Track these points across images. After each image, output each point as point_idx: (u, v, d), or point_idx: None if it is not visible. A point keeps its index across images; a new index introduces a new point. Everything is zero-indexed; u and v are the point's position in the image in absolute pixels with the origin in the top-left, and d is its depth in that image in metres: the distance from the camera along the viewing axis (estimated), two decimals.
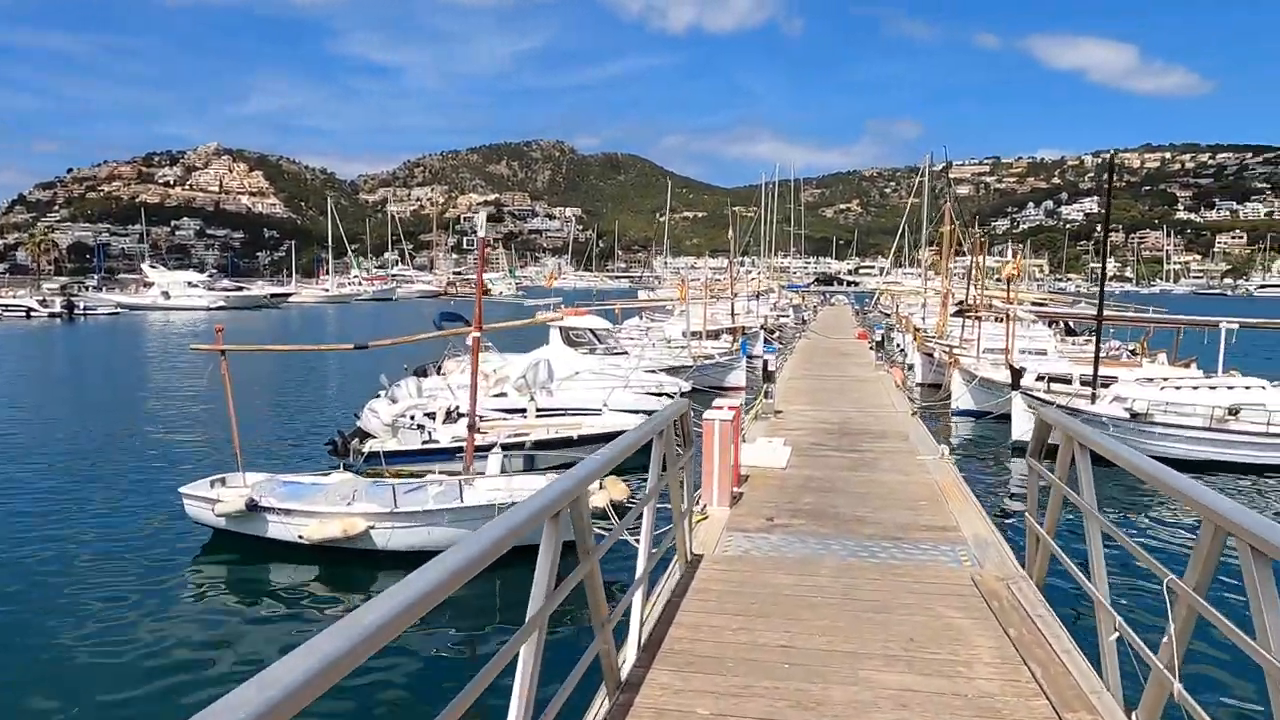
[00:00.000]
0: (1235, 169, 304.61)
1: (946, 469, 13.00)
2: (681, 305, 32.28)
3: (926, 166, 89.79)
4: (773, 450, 13.95)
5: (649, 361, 25.99)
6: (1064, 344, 34.27)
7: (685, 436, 7.39)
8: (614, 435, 16.33)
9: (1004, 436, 20.15)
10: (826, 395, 21.66)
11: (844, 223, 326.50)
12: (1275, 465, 17.02)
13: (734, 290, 44.94)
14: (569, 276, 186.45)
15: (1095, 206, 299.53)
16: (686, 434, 7.37)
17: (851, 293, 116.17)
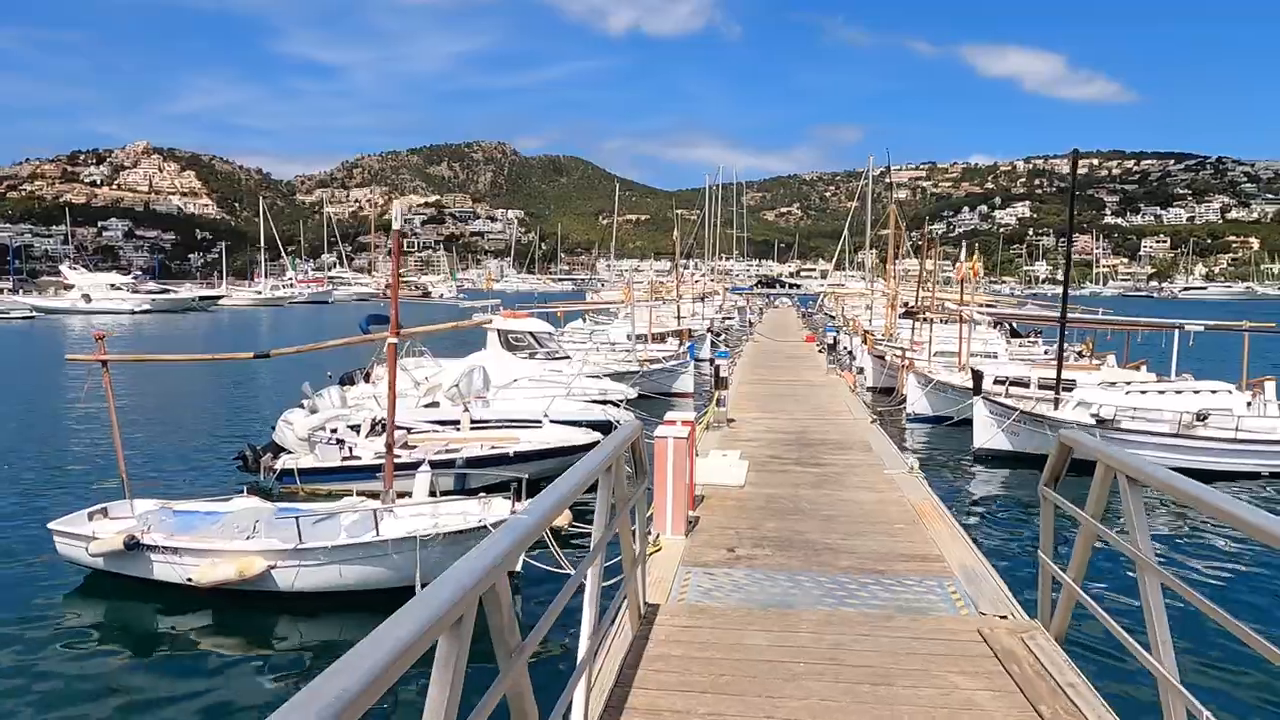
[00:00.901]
0: (1159, 176, 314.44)
1: (918, 485, 11.96)
2: (626, 308, 31.01)
3: (869, 169, 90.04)
4: (729, 466, 12.76)
5: (593, 367, 24.69)
6: (1011, 346, 33.87)
7: (638, 465, 6.13)
8: (555, 451, 15.06)
9: (964, 443, 19.32)
10: (780, 401, 20.60)
11: (785, 226, 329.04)
12: (1244, 472, 16.43)
13: (680, 292, 43.87)
14: (512, 279, 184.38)
15: (1027, 211, 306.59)
16: (639, 462, 6.11)
17: (795, 295, 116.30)
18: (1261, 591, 11.24)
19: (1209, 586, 11.05)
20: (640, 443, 6.07)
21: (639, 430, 5.87)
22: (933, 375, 22.92)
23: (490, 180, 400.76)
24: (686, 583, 7.82)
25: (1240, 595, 10.89)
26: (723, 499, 11.07)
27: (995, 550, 11.28)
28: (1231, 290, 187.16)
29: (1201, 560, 12.31)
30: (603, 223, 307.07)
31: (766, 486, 11.80)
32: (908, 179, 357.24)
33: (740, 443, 15.09)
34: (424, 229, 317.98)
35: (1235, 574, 11.85)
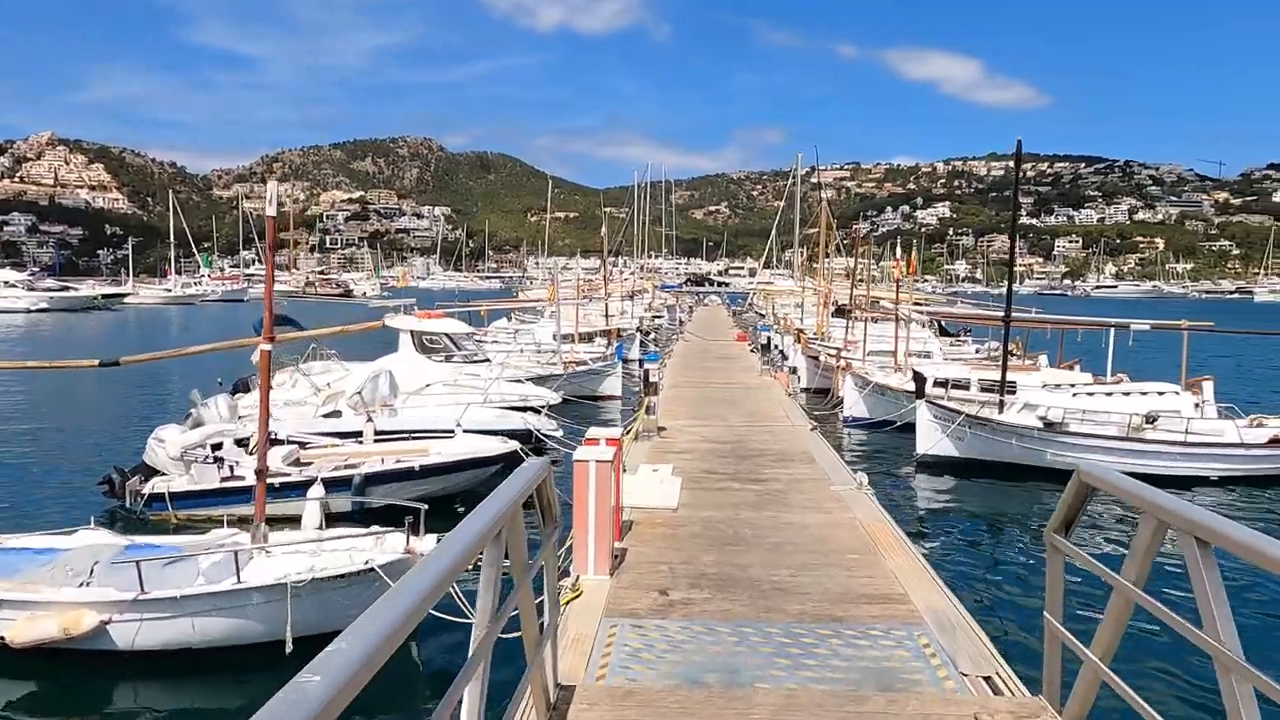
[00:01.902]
0: (1071, 178, 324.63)
1: (868, 503, 10.81)
2: (551, 306, 29.50)
3: (797, 168, 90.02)
4: (660, 484, 11.44)
5: (515, 370, 23.16)
6: (942, 345, 33.35)
7: (546, 511, 4.73)
8: (466, 463, 13.52)
9: (905, 448, 18.38)
10: (714, 407, 19.39)
11: (714, 224, 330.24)
12: (1194, 477, 15.79)
13: (608, 290, 42.48)
14: (438, 276, 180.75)
15: (947, 211, 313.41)
16: (547, 508, 4.71)
17: (724, 293, 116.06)
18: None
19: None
20: (549, 485, 4.67)
21: (545, 472, 4.46)
22: (871, 377, 21.99)
23: (416, 176, 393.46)
24: (611, 642, 6.45)
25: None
26: (654, 525, 9.73)
27: (960, 578, 10.18)
28: (1140, 288, 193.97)
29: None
30: (531, 220, 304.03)
31: (703, 508, 10.51)
32: (833, 179, 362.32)
33: (672, 455, 13.79)
34: (348, 225, 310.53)
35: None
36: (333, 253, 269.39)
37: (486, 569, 3.55)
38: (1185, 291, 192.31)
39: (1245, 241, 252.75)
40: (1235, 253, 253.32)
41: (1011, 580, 10.71)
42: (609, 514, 8.00)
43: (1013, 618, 9.41)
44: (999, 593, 10.17)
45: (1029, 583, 10.52)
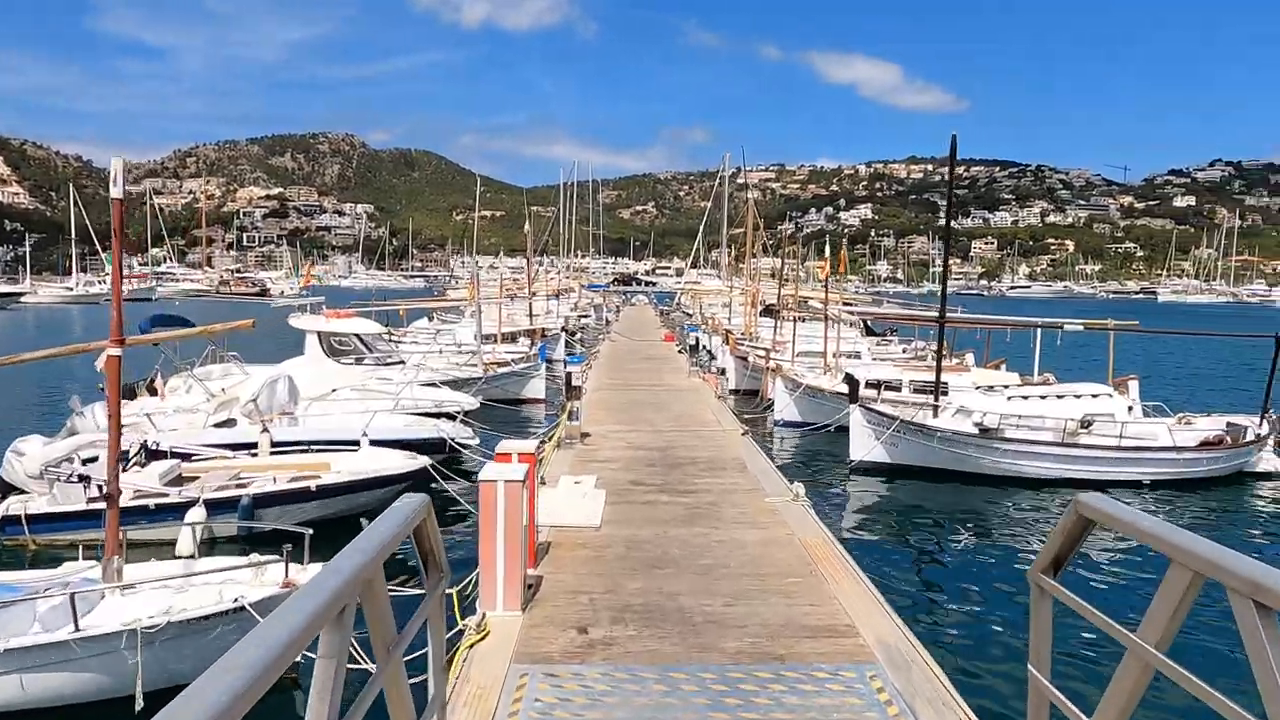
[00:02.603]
0: (986, 182, 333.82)
1: (805, 517, 10.06)
2: (472, 305, 28.30)
3: (724, 168, 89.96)
4: (582, 498, 10.52)
5: (431, 373, 21.90)
6: (869, 345, 33.15)
7: (429, 559, 3.73)
8: (369, 482, 12.36)
9: (837, 452, 17.80)
10: (640, 410, 18.53)
11: (641, 224, 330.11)
12: (1127, 481, 15.52)
13: (532, 289, 41.35)
14: (360, 275, 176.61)
15: (869, 213, 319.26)
16: (430, 555, 3.72)
17: (652, 292, 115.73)
18: None
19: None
20: (429, 529, 3.69)
21: (419, 516, 3.48)
22: (802, 379, 21.41)
23: (338, 173, 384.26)
24: (519, 697, 5.51)
25: None
26: (574, 546, 8.81)
27: (908, 603, 9.43)
28: (1052, 288, 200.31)
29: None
30: (457, 218, 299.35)
31: (628, 525, 9.61)
32: (758, 180, 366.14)
33: (596, 464, 12.88)
34: (266, 223, 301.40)
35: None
36: (250, 251, 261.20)
37: (323, 664, 2.58)
38: (1094, 292, 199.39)
39: (1149, 244, 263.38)
40: (1140, 254, 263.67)
41: (960, 599, 10.06)
42: (521, 540, 7.05)
43: (968, 644, 8.74)
44: (950, 617, 9.49)
45: (982, 604, 9.91)
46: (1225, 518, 14.70)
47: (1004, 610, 9.70)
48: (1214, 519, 14.53)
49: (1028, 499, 14.85)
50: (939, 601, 9.92)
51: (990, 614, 9.59)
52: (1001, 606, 9.80)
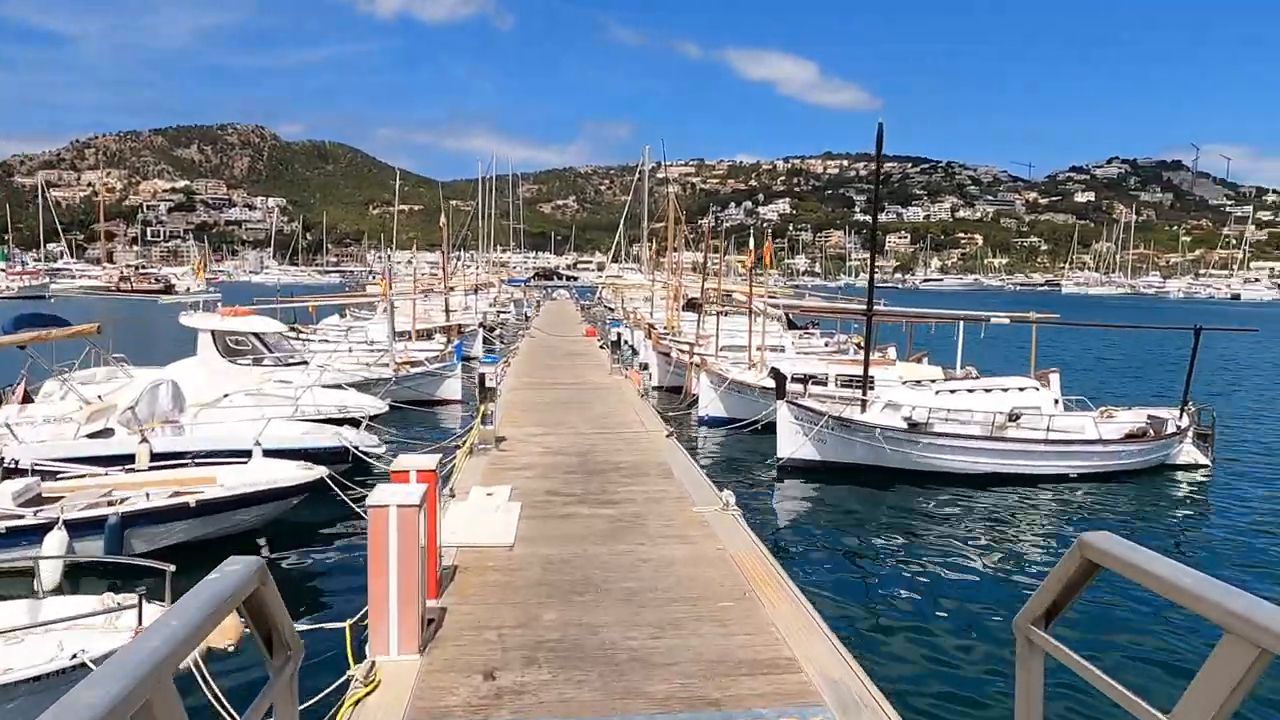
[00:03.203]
0: (899, 178, 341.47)
1: (736, 527, 9.35)
2: (384, 302, 26.95)
3: (644, 162, 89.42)
4: (495, 512, 9.63)
5: (338, 374, 20.62)
6: (791, 338, 32.88)
7: (272, 638, 2.83)
8: (257, 497, 11.21)
9: (763, 449, 17.25)
10: (560, 411, 17.66)
11: (562, 219, 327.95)
12: (1054, 475, 15.33)
13: (448, 284, 40.00)
14: (273, 271, 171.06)
15: (787, 208, 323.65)
16: (274, 632, 2.81)
17: (573, 287, 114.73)
18: None
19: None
20: (267, 598, 2.79)
21: (248, 586, 2.59)
22: (726, 374, 20.82)
23: (248, 166, 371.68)
24: None
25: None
26: (483, 570, 7.92)
27: (851, 626, 8.75)
28: (963, 281, 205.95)
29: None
30: (374, 212, 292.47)
31: (545, 543, 8.76)
32: (678, 175, 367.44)
33: (512, 472, 11.98)
34: (171, 217, 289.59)
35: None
36: (155, 246, 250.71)
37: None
38: (1002, 284, 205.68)
39: (1052, 238, 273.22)
40: (1044, 248, 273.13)
41: (904, 617, 9.41)
42: (418, 571, 6.14)
43: (918, 671, 8.09)
44: (895, 639, 8.76)
45: (928, 621, 9.27)
46: (1152, 510, 14.60)
47: (951, 626, 9.14)
48: (1142, 512, 14.42)
49: (957, 495, 14.49)
50: (883, 623, 9.19)
51: (936, 631, 9.00)
52: (950, 623, 9.23)
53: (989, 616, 9.35)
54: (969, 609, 9.59)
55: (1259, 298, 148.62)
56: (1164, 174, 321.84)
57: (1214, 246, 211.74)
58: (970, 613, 9.48)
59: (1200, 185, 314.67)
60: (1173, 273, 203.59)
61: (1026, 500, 14.39)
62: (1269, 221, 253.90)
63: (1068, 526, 13.27)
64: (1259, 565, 11.66)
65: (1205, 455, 16.64)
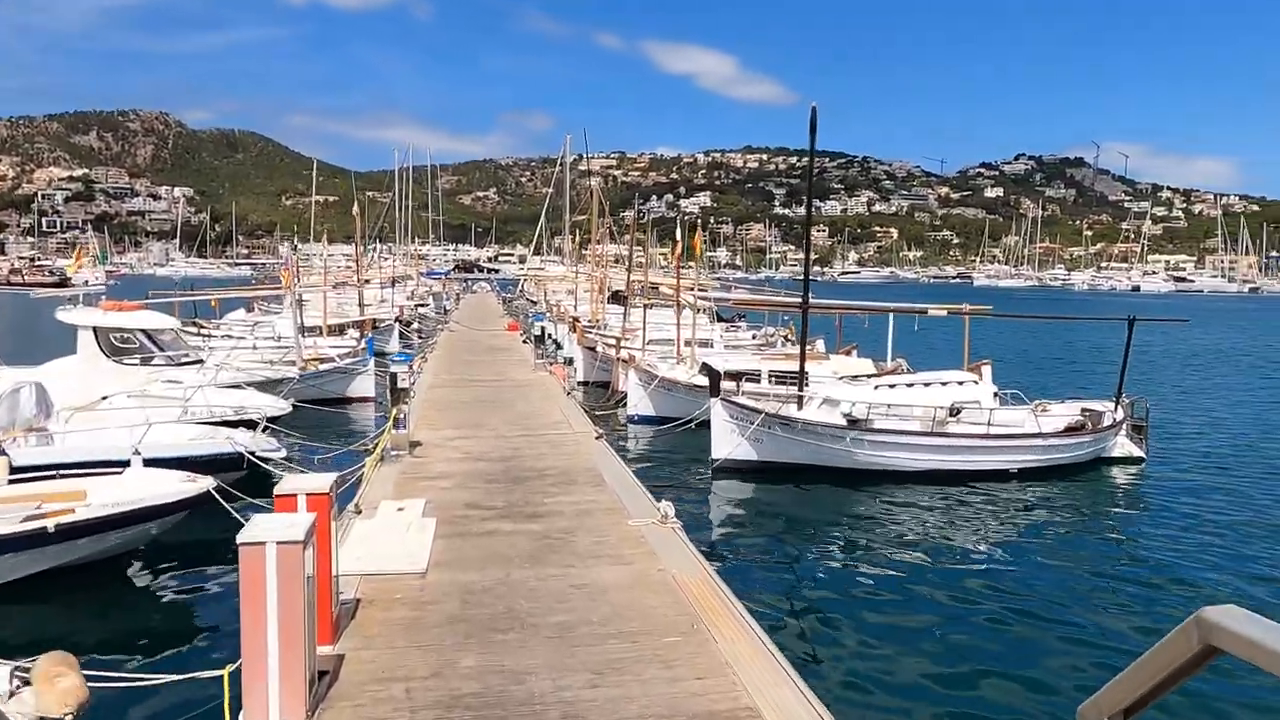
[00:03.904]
0: (818, 172, 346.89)
1: (678, 543, 8.45)
2: (290, 294, 25.28)
3: (565, 153, 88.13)
4: (406, 532, 8.54)
5: (236, 372, 19.04)
6: (719, 331, 32.27)
7: None
8: (130, 517, 9.87)
9: (694, 448, 16.42)
10: (481, 411, 16.54)
11: (482, 210, 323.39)
12: (994, 471, 14.88)
13: (362, 276, 38.23)
14: (179, 263, 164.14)
15: (708, 200, 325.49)
16: None
17: (494, 279, 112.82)
18: None
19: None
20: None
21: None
22: (656, 371, 19.94)
23: (152, 154, 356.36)
24: None
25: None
26: (391, 603, 6.85)
27: (812, 662, 7.79)
28: (880, 274, 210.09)
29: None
30: (287, 203, 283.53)
31: (463, 567, 7.72)
32: (600, 167, 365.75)
33: (427, 482, 10.87)
34: (68, 206, 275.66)
35: None
36: (52, 237, 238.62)
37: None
38: (917, 277, 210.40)
39: (964, 231, 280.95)
40: (956, 241, 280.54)
41: (870, 641, 8.50)
42: (304, 619, 5.06)
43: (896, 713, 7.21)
44: (872, 676, 7.74)
45: (894, 643, 8.38)
46: (1093, 506, 14.27)
47: (925, 650, 8.31)
48: (1084, 508, 14.06)
49: (899, 494, 13.88)
50: (855, 656, 8.12)
51: (911, 660, 8.11)
52: (921, 644, 8.40)
53: (961, 632, 8.68)
54: (939, 629, 8.85)
55: (1158, 289, 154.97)
56: (1067, 170, 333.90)
57: (1114, 241, 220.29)
58: (944, 633, 8.74)
59: (1101, 182, 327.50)
60: (1076, 266, 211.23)
61: (969, 498, 13.87)
62: (1164, 217, 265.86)
63: (1017, 526, 12.81)
64: (1204, 560, 11.34)
65: (1140, 447, 16.46)
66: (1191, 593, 9.96)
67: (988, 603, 9.65)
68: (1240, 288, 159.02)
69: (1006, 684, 7.67)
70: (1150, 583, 10.41)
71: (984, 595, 9.87)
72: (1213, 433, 20.27)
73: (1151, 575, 10.68)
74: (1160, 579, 10.55)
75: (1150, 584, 10.38)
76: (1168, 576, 10.64)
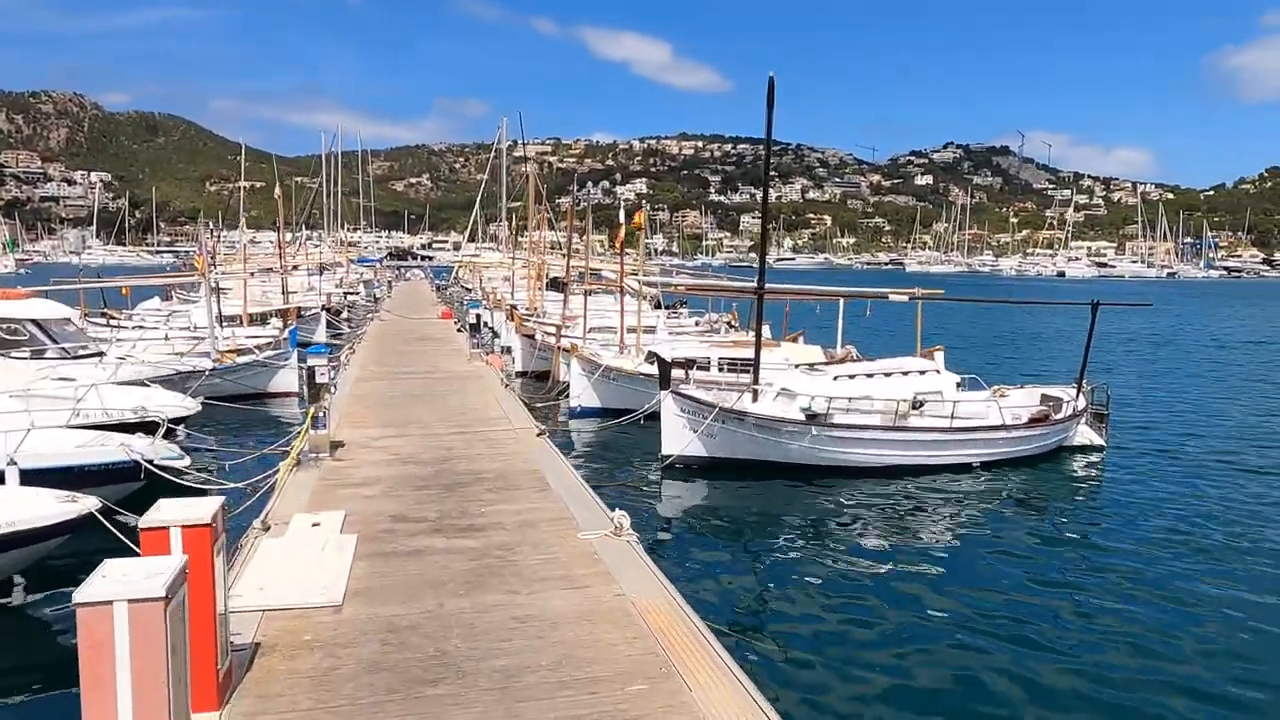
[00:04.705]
0: (751, 158, 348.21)
1: (636, 566, 7.40)
2: (202, 281, 23.51)
3: (501, 139, 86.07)
4: (321, 553, 7.36)
5: (143, 367, 17.41)
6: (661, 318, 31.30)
7: None
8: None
9: (640, 442, 15.44)
10: (412, 406, 15.28)
11: (415, 197, 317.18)
12: (956, 465, 14.19)
13: (284, 262, 36.33)
14: (96, 251, 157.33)
15: (644, 187, 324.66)
16: None
17: (428, 266, 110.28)
18: None
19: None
20: None
21: None
22: (599, 359, 18.84)
23: (66, 137, 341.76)
24: None
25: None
26: (298, 647, 5.70)
27: (798, 699, 6.77)
28: (815, 260, 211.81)
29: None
30: (211, 189, 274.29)
31: (386, 598, 6.58)
32: (535, 153, 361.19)
33: (348, 490, 9.65)
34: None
35: None
36: None
37: None
38: (851, 263, 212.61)
39: (895, 219, 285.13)
40: (887, 229, 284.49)
41: (868, 669, 7.52)
42: (169, 693, 3.91)
43: None
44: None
45: (897, 676, 7.38)
46: (1059, 497, 13.67)
47: (921, 672, 7.44)
48: (1050, 500, 13.45)
49: (859, 492, 13.06)
50: (835, 690, 7.11)
51: (909, 684, 7.18)
52: (916, 669, 7.53)
53: (964, 643, 7.85)
54: (930, 641, 8.00)
55: (1081, 274, 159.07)
56: (994, 159, 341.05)
57: (1039, 227, 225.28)
58: (939, 646, 7.89)
59: (1026, 170, 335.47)
60: (1004, 252, 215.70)
61: (931, 494, 13.13)
62: (1086, 205, 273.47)
63: (985, 522, 12.11)
64: (1170, 552, 10.80)
65: (1100, 436, 15.98)
66: (1159, 590, 9.49)
67: (980, 605, 8.88)
68: (1159, 273, 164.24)
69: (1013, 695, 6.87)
70: (1122, 580, 9.84)
71: (971, 597, 9.10)
72: (1168, 420, 19.98)
73: (1121, 573, 10.08)
74: (1130, 574, 10.01)
75: (1122, 581, 9.80)
76: (1136, 572, 10.09)
